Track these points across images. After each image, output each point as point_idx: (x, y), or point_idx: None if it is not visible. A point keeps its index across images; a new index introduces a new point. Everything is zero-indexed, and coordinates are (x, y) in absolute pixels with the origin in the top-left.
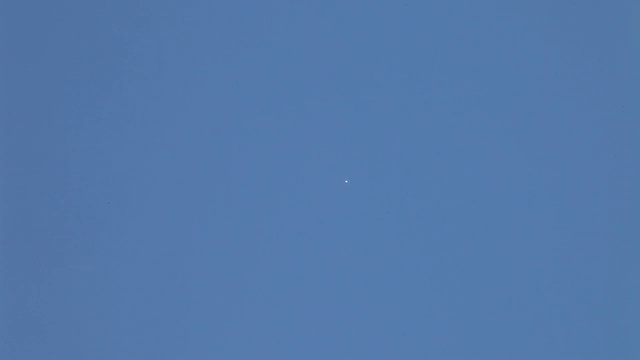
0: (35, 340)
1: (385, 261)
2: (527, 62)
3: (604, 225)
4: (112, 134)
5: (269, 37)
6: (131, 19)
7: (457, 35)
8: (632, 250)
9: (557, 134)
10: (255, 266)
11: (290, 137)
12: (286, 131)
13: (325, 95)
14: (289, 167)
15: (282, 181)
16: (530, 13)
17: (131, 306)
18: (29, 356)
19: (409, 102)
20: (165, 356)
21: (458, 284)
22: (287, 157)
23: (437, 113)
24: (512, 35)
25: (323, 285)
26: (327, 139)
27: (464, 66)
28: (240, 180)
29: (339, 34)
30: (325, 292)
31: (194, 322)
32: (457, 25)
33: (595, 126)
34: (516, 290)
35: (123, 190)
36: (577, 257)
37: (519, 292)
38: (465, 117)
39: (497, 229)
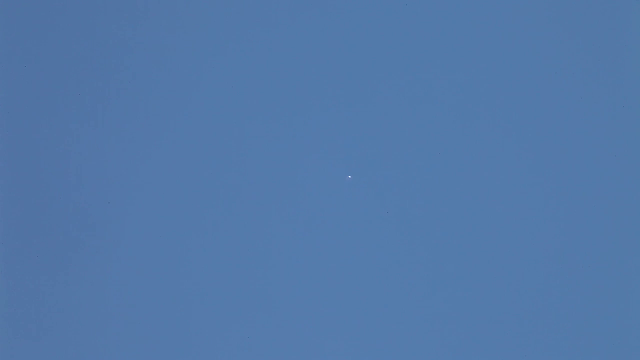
0: (35, 340)
1: (386, 260)
2: (527, 63)
3: (604, 225)
4: (112, 134)
5: (272, 35)
6: (131, 19)
7: (458, 35)
8: (632, 250)
9: (557, 134)
10: (256, 265)
11: (292, 135)
12: (288, 130)
13: (326, 93)
14: (290, 166)
15: (283, 179)
16: (530, 13)
17: (131, 306)
18: (29, 356)
19: (409, 102)
20: (165, 356)
21: (458, 283)
22: (289, 156)
23: (438, 113)
24: (512, 35)
25: (324, 283)
26: (329, 137)
27: (465, 66)
28: (241, 179)
29: (341, 32)
30: (326, 290)
31: (194, 322)
32: (457, 26)
33: (596, 126)
34: (515, 288)
35: (123, 190)
36: (577, 258)
37: (519, 290)
38: (466, 116)
39: (497, 228)
